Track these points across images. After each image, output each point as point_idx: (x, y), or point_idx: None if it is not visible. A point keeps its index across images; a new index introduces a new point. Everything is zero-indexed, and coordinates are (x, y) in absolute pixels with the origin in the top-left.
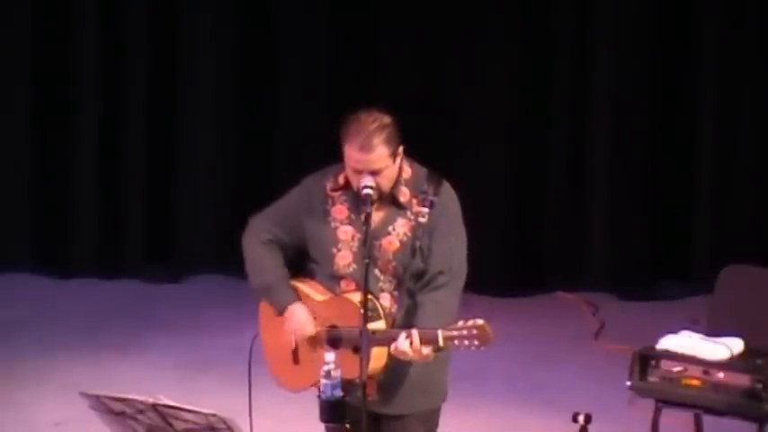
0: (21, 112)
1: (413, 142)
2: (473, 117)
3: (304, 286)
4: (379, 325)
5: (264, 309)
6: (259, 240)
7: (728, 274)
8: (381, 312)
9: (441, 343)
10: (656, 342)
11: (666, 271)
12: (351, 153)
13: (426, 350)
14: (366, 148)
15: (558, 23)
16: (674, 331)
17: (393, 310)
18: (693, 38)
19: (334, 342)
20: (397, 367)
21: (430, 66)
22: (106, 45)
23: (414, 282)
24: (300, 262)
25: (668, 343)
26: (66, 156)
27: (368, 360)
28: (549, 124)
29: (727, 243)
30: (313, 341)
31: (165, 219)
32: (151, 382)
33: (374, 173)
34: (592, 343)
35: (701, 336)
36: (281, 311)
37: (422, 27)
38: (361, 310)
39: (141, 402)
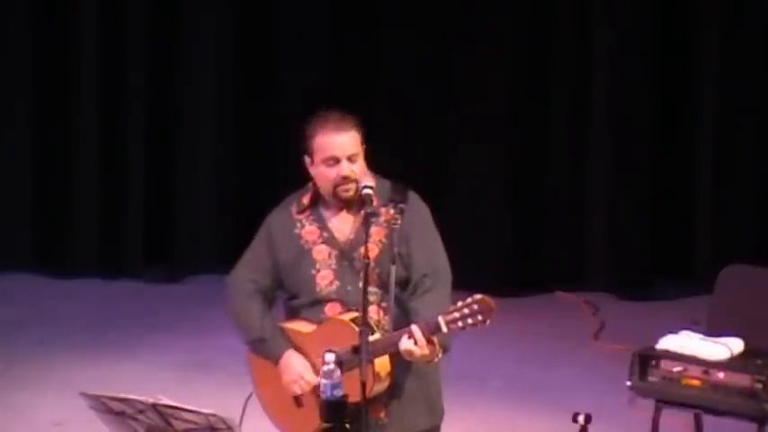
0: (21, 113)
1: (414, 142)
2: (473, 117)
3: (291, 325)
4: (374, 338)
5: (254, 359)
6: (241, 294)
7: (728, 274)
8: (373, 326)
9: (444, 328)
10: (656, 342)
11: (666, 271)
12: (325, 140)
13: (431, 345)
14: (342, 128)
15: (559, 23)
16: (674, 331)
17: (383, 323)
18: (693, 38)
19: None
20: (398, 383)
21: (430, 65)
22: (106, 45)
23: (400, 290)
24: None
25: (668, 343)
26: (67, 156)
27: (367, 362)
28: (549, 124)
29: (727, 243)
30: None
31: (165, 219)
32: (151, 382)
33: (351, 159)
34: (592, 343)
35: (700, 336)
36: (275, 362)
37: (422, 27)
38: (361, 308)
39: (141, 402)
